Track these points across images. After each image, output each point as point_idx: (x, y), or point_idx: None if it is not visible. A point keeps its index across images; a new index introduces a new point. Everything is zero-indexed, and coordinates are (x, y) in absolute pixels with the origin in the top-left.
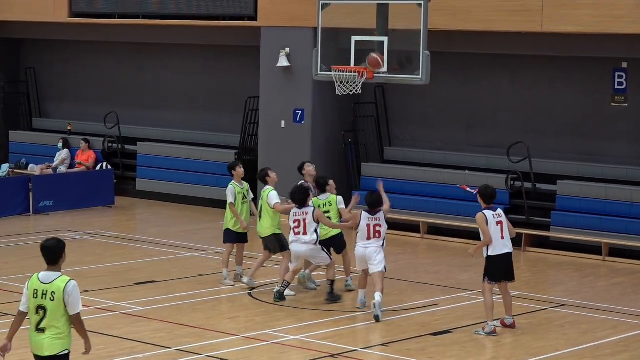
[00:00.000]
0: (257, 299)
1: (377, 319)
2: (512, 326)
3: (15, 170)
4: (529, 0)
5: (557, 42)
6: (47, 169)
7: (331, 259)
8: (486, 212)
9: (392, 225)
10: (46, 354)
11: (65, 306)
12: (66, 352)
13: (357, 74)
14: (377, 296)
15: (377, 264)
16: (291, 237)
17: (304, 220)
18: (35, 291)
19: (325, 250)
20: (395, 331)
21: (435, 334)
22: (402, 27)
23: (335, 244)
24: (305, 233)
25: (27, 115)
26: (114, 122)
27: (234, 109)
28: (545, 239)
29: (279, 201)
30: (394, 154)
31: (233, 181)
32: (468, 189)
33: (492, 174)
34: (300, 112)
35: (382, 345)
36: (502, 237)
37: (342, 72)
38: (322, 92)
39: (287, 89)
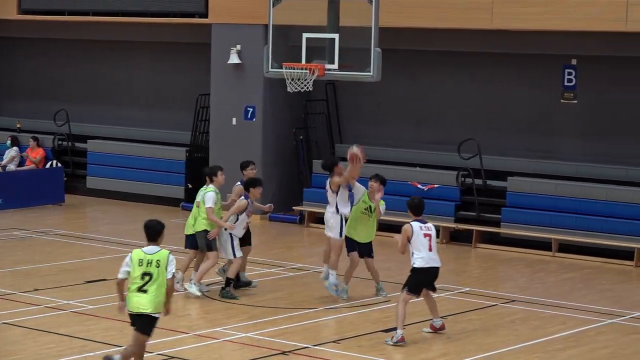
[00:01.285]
0: (208, 297)
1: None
2: (442, 328)
3: None
4: None
5: (507, 39)
6: None
7: (235, 256)
8: (414, 223)
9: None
10: (148, 311)
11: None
12: (159, 315)
13: (308, 71)
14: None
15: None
16: None
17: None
18: (141, 260)
19: (234, 245)
20: (346, 328)
21: (387, 330)
22: (352, 24)
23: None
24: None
25: None
26: (64, 119)
27: (185, 106)
28: (496, 235)
29: (213, 206)
30: (344, 151)
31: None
32: (419, 186)
33: (443, 171)
34: (251, 109)
35: (334, 342)
36: (430, 250)
37: (293, 69)
38: (273, 89)
39: (238, 86)
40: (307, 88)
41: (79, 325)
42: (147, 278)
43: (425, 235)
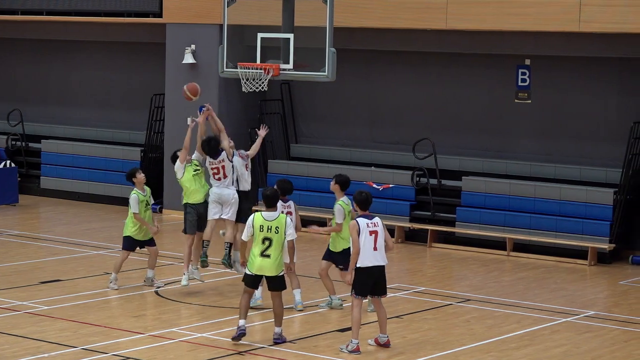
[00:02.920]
0: (163, 297)
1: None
2: (386, 345)
3: None
4: None
5: (461, 39)
6: None
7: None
8: (360, 220)
9: (301, 222)
10: (274, 274)
11: (285, 236)
12: (283, 273)
13: (263, 70)
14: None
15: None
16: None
17: (222, 167)
18: (261, 226)
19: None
20: (302, 327)
21: (343, 330)
22: (307, 24)
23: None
24: (225, 177)
25: None
26: (18, 119)
27: (139, 106)
28: (451, 235)
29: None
30: (300, 151)
31: (135, 189)
32: (374, 186)
33: (398, 170)
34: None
35: (290, 342)
36: (375, 249)
37: (248, 69)
38: (228, 89)
39: None
40: (262, 88)
41: (34, 326)
42: (267, 243)
43: (372, 232)
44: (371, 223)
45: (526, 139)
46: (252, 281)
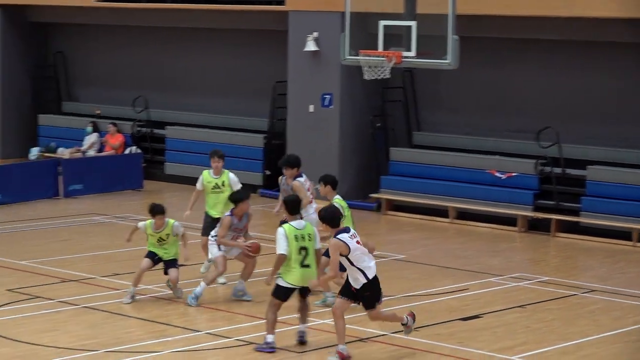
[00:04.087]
0: None
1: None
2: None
3: (45, 154)
4: None
5: (587, 26)
6: (77, 152)
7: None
8: (342, 236)
9: (421, 210)
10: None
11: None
12: None
13: (385, 58)
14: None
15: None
16: None
17: None
18: (296, 236)
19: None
20: (424, 316)
21: (464, 319)
22: (429, 11)
23: None
24: None
25: (57, 99)
26: (143, 106)
27: (262, 93)
28: (575, 225)
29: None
30: (422, 139)
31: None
32: (497, 174)
33: (521, 159)
34: (328, 96)
35: (415, 329)
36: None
37: (370, 56)
38: (350, 76)
39: (315, 74)
40: (385, 75)
41: (159, 310)
42: (303, 253)
43: (359, 242)
44: (352, 234)
45: None
46: (286, 293)
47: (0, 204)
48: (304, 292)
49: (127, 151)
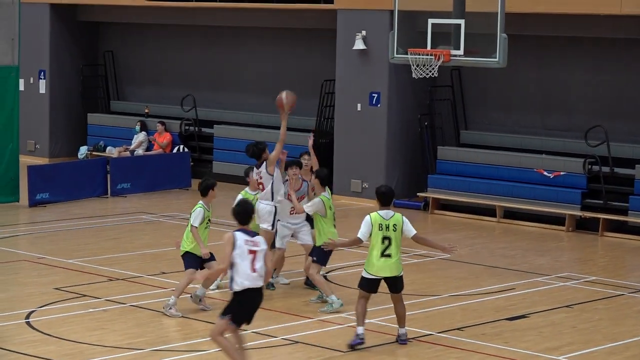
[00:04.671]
0: (330, 281)
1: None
2: None
3: (94, 153)
4: None
5: (637, 24)
6: (125, 151)
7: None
8: (238, 233)
9: (468, 209)
10: (395, 274)
11: (403, 233)
12: (402, 273)
13: (433, 56)
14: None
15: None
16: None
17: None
18: (380, 225)
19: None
20: (470, 315)
21: (510, 319)
22: (478, 9)
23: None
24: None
25: (105, 98)
26: (191, 105)
27: (310, 91)
28: (623, 224)
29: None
30: (470, 138)
31: (201, 202)
32: (545, 173)
33: (569, 158)
34: (376, 95)
35: (458, 329)
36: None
37: (419, 55)
38: (398, 75)
39: (363, 72)
40: (433, 74)
41: (204, 310)
42: (386, 242)
43: (250, 252)
44: (250, 241)
45: None
46: (370, 284)
47: (49, 202)
48: (393, 286)
49: (174, 150)
